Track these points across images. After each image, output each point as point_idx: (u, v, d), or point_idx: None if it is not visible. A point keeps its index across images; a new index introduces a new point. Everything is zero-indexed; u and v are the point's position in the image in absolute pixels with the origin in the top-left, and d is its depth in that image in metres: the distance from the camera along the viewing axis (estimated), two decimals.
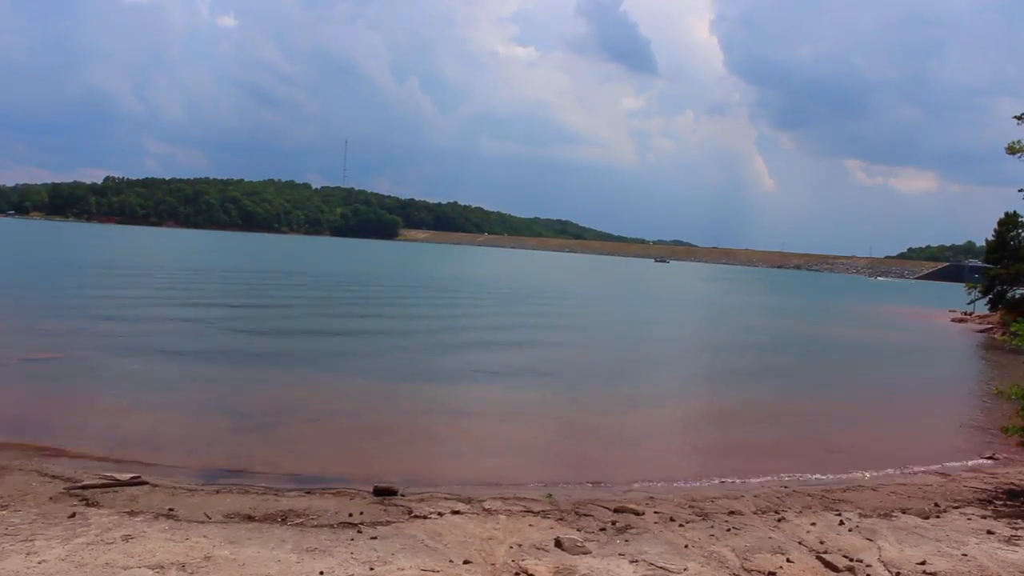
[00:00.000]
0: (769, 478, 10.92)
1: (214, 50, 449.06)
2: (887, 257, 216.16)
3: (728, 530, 8.13)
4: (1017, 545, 7.95)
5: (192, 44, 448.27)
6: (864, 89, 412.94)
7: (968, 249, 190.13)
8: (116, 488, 8.46)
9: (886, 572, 7.07)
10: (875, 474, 11.52)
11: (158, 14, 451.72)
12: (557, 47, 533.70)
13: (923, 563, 7.28)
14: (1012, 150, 17.45)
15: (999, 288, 43.58)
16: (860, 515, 8.99)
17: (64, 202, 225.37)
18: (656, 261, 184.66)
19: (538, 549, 7.19)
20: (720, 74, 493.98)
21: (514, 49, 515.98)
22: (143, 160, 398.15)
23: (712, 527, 8.23)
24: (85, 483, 8.50)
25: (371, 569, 6.38)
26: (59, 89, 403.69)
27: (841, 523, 8.62)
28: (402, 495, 8.94)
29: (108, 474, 8.86)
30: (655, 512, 8.67)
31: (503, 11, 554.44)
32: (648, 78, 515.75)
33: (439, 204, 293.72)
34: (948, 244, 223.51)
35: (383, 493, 8.94)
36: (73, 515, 7.33)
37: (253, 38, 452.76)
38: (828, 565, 7.10)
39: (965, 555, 7.56)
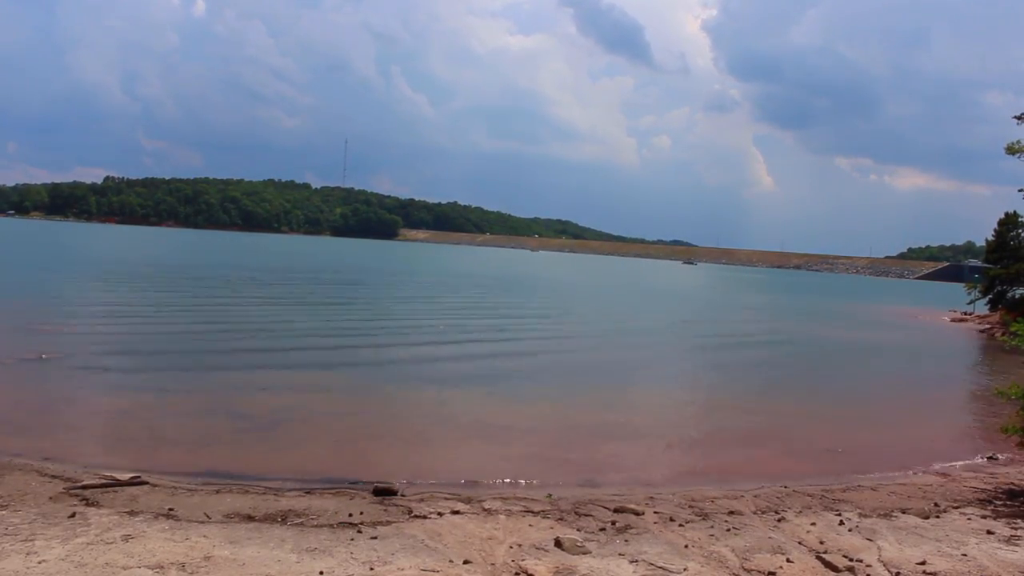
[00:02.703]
0: (769, 478, 10.92)
1: (208, 46, 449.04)
2: (887, 257, 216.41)
3: (728, 530, 8.13)
4: (1017, 545, 7.95)
5: (185, 40, 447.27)
6: (863, 86, 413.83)
7: (968, 249, 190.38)
8: (116, 488, 8.46)
9: (886, 572, 7.07)
10: (875, 474, 11.51)
11: (148, 6, 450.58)
12: (552, 41, 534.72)
13: (923, 563, 7.28)
14: (1012, 150, 17.46)
15: (999, 288, 43.62)
16: (860, 515, 8.99)
17: (64, 202, 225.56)
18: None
19: (538, 549, 7.19)
20: (714, 70, 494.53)
21: (508, 44, 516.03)
22: (139, 158, 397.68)
23: (712, 527, 8.23)
24: (85, 483, 8.50)
25: (371, 569, 6.38)
26: (50, 86, 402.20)
27: (841, 523, 8.62)
28: (402, 495, 8.94)
29: (108, 474, 8.86)
30: (655, 512, 8.67)
31: (494, 5, 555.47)
32: (642, 71, 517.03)
33: (439, 204, 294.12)
34: (948, 244, 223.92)
35: (383, 493, 8.94)
36: (73, 515, 7.33)
37: (247, 35, 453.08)
38: (828, 565, 7.10)
39: (965, 555, 7.56)
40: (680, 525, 8.24)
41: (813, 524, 8.53)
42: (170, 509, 7.82)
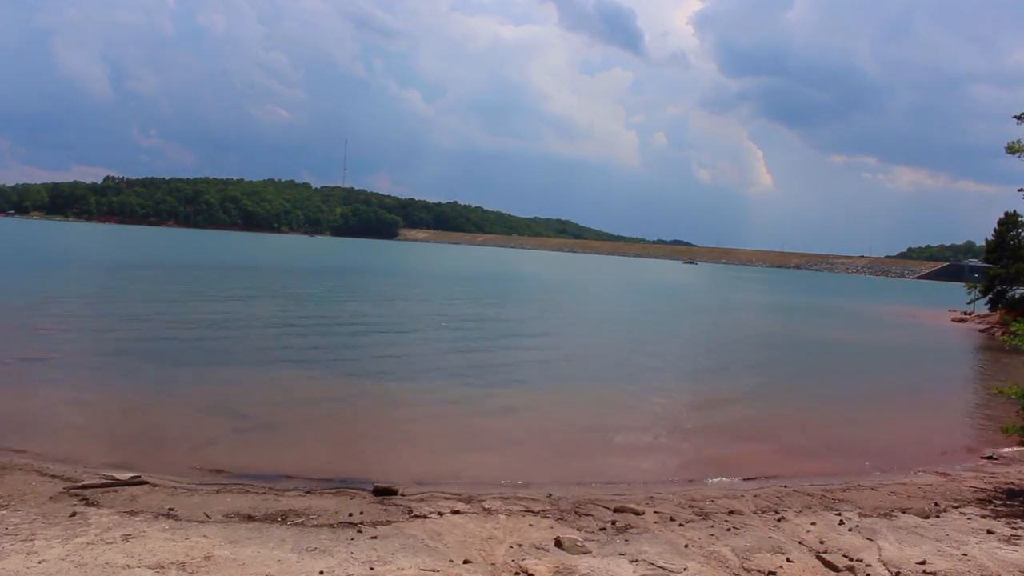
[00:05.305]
0: (769, 478, 10.92)
1: (204, 44, 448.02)
2: (887, 257, 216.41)
3: (728, 530, 8.13)
4: (1017, 545, 7.95)
5: (180, 38, 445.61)
6: (861, 82, 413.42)
7: (968, 249, 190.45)
8: (116, 488, 8.46)
9: (886, 572, 7.07)
10: (875, 474, 11.51)
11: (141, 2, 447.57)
12: (547, 37, 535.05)
13: (923, 563, 7.28)
14: (1012, 150, 17.34)
15: (999, 288, 43.63)
16: (860, 515, 9.00)
17: (64, 202, 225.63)
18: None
19: (538, 549, 7.19)
20: (712, 69, 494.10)
21: (504, 40, 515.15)
22: (137, 157, 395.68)
23: (712, 527, 8.23)
24: (85, 483, 8.50)
25: (371, 569, 6.38)
26: (44, 83, 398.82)
27: (841, 523, 8.62)
28: (402, 495, 8.94)
29: (108, 474, 8.86)
30: (655, 512, 8.67)
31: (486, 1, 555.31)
32: (636, 64, 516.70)
33: (439, 204, 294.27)
34: (948, 244, 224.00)
35: (383, 493, 8.94)
36: (73, 515, 7.33)
37: (244, 35, 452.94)
38: (828, 565, 7.10)
39: (965, 555, 7.56)
40: (680, 525, 8.24)
41: (813, 524, 8.53)
42: (170, 509, 7.82)
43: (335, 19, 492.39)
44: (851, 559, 7.31)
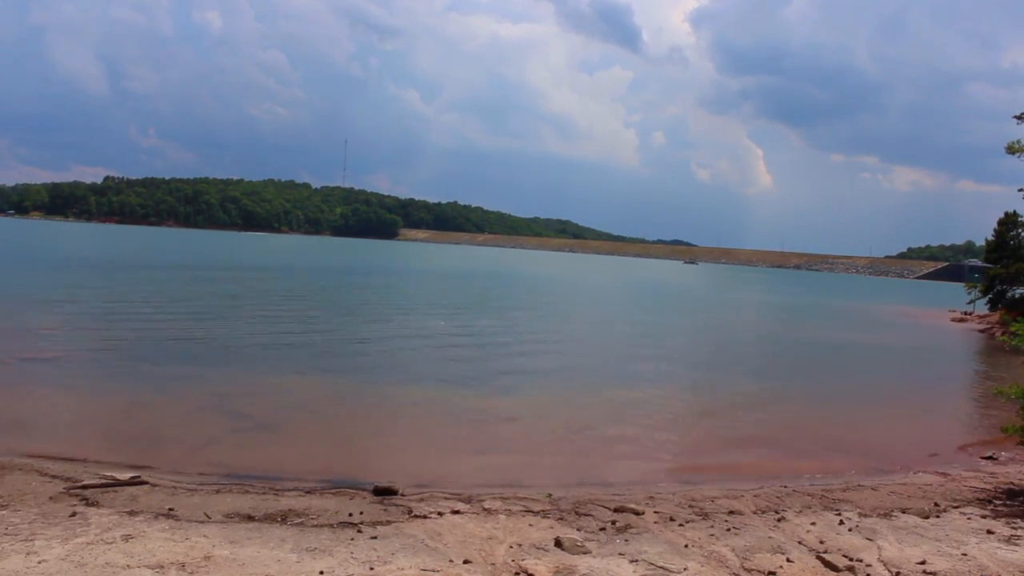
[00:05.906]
0: (769, 478, 10.92)
1: (201, 43, 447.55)
2: (887, 257, 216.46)
3: (728, 530, 8.13)
4: (1017, 545, 7.95)
5: (177, 36, 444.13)
6: (861, 81, 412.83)
7: (968, 249, 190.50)
8: (116, 488, 8.46)
9: (886, 572, 7.07)
10: (875, 474, 11.51)
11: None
12: (545, 35, 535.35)
13: (923, 563, 7.28)
14: (1012, 150, 17.37)
15: (999, 288, 43.66)
16: (860, 515, 9.00)
17: (64, 202, 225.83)
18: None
19: (538, 549, 7.19)
20: (711, 67, 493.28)
21: (501, 39, 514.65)
22: (136, 157, 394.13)
23: (712, 527, 8.23)
24: (85, 483, 8.50)
25: (371, 569, 6.38)
26: (42, 82, 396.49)
27: (841, 523, 8.62)
28: (402, 495, 8.94)
29: (108, 474, 8.86)
30: (655, 512, 8.67)
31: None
32: (635, 63, 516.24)
33: (439, 204, 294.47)
34: (948, 244, 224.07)
35: (383, 493, 8.95)
36: (73, 515, 7.34)
37: (242, 33, 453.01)
38: (828, 565, 7.10)
39: (965, 555, 7.56)
40: (680, 525, 8.24)
41: (813, 524, 8.53)
42: (170, 509, 7.82)
43: (330, 17, 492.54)
44: (851, 559, 7.31)
